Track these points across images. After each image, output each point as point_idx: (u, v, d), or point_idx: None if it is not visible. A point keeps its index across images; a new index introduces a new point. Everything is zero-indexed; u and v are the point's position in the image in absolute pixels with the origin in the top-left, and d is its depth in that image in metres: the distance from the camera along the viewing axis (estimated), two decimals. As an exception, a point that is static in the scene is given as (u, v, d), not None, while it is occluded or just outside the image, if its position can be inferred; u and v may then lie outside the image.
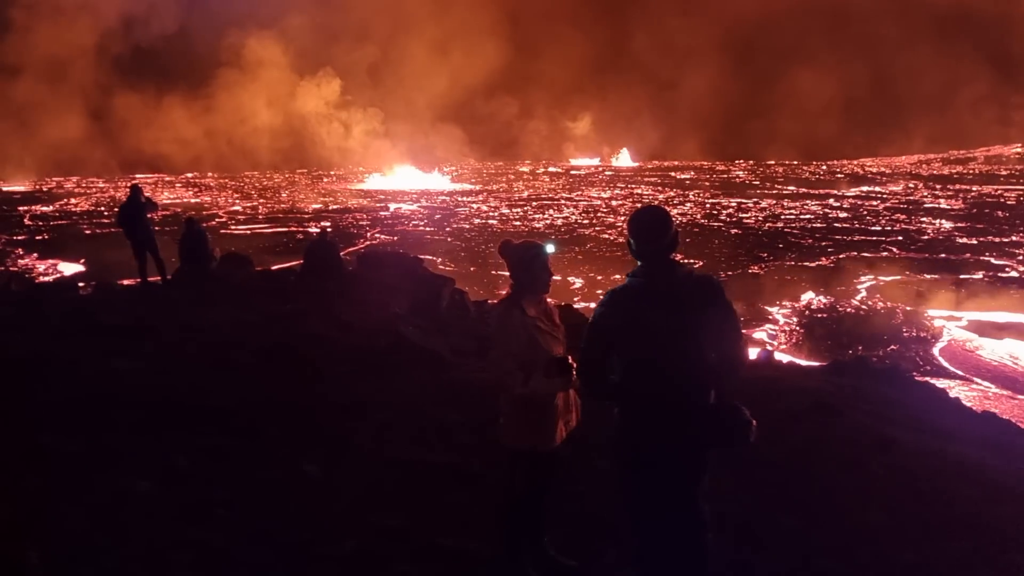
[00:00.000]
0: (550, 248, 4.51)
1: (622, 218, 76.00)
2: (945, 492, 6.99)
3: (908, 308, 40.01)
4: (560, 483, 5.02)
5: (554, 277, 4.66)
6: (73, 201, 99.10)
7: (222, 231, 64.52)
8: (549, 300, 4.68)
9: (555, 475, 4.70)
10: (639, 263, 3.96)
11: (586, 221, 74.57)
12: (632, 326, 3.83)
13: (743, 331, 4.16)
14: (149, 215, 15.93)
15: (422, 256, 23.86)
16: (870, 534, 5.94)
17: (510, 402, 4.48)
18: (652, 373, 3.85)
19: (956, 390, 22.67)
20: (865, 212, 79.73)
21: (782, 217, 76.81)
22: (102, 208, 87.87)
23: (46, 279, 40.36)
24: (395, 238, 63.07)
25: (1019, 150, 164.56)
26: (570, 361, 4.36)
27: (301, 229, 69.22)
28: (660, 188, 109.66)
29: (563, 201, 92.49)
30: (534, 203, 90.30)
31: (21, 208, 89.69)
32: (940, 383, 21.85)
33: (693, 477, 4.03)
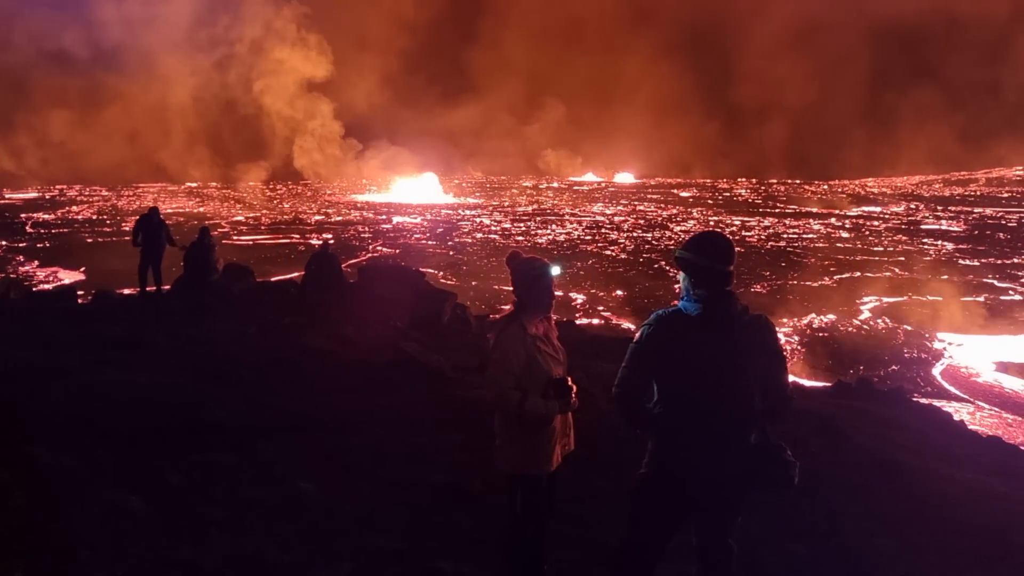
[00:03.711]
0: (556, 269, 4.35)
1: (625, 235, 76.08)
2: (954, 520, 6.84)
3: (909, 329, 39.97)
4: (560, 505, 4.87)
5: (555, 293, 4.50)
6: (75, 209, 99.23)
7: (224, 241, 64.50)
8: (552, 318, 4.54)
9: (554, 498, 4.56)
10: (694, 291, 3.70)
11: (589, 237, 74.63)
12: (682, 354, 3.61)
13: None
14: (167, 244, 16.07)
15: (424, 270, 23.73)
16: (879, 561, 5.80)
17: (506, 424, 4.34)
18: (695, 406, 3.63)
19: (958, 412, 22.52)
20: (867, 232, 79.86)
21: (784, 236, 76.88)
22: (104, 217, 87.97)
23: (46, 287, 40.34)
24: (397, 251, 63.20)
25: (1021, 172, 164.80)
26: (569, 383, 4.23)
27: (303, 241, 69.29)
28: (663, 205, 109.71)
29: (567, 217, 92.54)
30: (538, 218, 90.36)
31: (23, 215, 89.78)
32: (941, 405, 21.75)
33: (723, 518, 3.88)
